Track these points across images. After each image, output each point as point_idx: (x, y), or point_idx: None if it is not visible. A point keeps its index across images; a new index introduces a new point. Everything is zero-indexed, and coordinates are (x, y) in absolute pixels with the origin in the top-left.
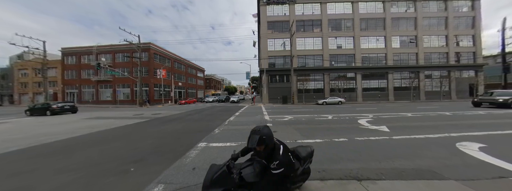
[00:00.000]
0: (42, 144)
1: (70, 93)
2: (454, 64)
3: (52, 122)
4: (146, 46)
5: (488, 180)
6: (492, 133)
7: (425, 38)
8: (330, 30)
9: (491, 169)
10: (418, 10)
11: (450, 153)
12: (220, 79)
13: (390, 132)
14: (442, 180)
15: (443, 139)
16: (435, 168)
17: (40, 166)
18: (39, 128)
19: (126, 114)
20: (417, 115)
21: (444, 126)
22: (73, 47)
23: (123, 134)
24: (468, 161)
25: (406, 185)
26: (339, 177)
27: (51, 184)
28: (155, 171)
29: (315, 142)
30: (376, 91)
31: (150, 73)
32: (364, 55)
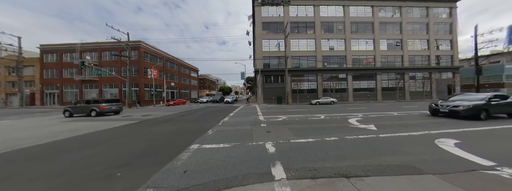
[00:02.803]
0: (18, 149)
1: (50, 94)
2: (434, 67)
3: (28, 125)
4: (136, 44)
5: (460, 173)
6: (466, 129)
7: (409, 41)
8: (323, 32)
9: (464, 163)
10: (403, 15)
11: (429, 149)
12: (214, 79)
13: (377, 130)
14: (421, 175)
15: (424, 136)
16: (416, 163)
17: (15, 172)
18: (13, 132)
19: (113, 116)
20: (402, 113)
21: (425, 124)
22: (54, 44)
23: (110, 137)
24: (444, 156)
25: (390, 181)
26: (329, 175)
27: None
28: (144, 175)
29: (308, 141)
30: (366, 91)
31: (140, 72)
32: (354, 57)
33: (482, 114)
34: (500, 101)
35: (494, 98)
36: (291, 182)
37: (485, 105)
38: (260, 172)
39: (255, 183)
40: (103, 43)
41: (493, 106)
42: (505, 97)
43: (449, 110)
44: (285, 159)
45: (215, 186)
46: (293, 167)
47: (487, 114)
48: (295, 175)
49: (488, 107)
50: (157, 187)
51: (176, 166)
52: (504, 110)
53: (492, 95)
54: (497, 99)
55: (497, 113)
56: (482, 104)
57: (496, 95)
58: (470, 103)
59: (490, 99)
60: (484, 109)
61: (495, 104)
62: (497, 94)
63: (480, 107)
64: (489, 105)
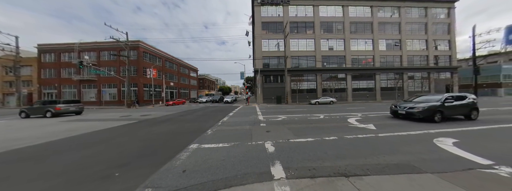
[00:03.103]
0: (13, 150)
1: (48, 93)
2: (433, 67)
3: (25, 125)
4: (135, 44)
5: (458, 172)
6: (464, 129)
7: (408, 42)
8: (322, 32)
9: (462, 162)
10: (402, 15)
11: (428, 148)
12: (214, 79)
13: (377, 129)
14: (420, 174)
15: (422, 135)
16: (414, 162)
17: (11, 174)
18: (11, 132)
19: (112, 116)
20: None
21: (424, 123)
22: (52, 44)
23: (108, 137)
24: (443, 155)
25: (389, 179)
26: (328, 174)
27: None
28: (142, 175)
29: (307, 141)
30: (365, 91)
31: (139, 72)
32: (353, 57)
33: (436, 116)
34: (454, 102)
35: (449, 99)
36: (291, 181)
37: (439, 107)
38: (260, 172)
39: (254, 182)
40: (102, 43)
41: (447, 108)
42: (461, 98)
43: (405, 112)
44: (284, 159)
45: (214, 186)
46: (292, 167)
47: (442, 115)
48: (294, 174)
49: (443, 109)
50: (155, 187)
51: (175, 165)
52: (460, 111)
53: (448, 96)
54: (451, 100)
55: (452, 115)
56: (436, 106)
57: (451, 96)
58: (425, 104)
59: (445, 100)
60: (439, 111)
61: (449, 106)
62: (453, 95)
63: (434, 109)
64: (443, 106)
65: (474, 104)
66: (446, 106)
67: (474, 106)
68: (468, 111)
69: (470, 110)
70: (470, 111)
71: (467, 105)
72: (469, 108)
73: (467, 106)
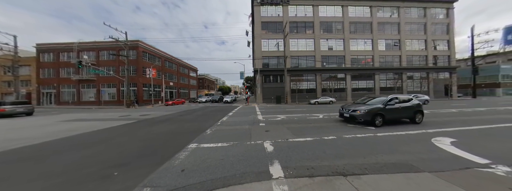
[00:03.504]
0: (12, 149)
1: (47, 93)
2: (432, 67)
3: (24, 125)
4: (134, 44)
5: (456, 171)
6: (462, 128)
7: (407, 42)
8: (322, 32)
9: (460, 161)
10: (401, 15)
11: (426, 147)
12: (213, 79)
13: (375, 129)
14: (417, 173)
15: (421, 135)
16: (412, 161)
17: (11, 174)
18: (9, 132)
19: (111, 116)
20: None
21: (422, 123)
22: (51, 44)
23: (107, 137)
24: (441, 154)
25: (387, 178)
26: (326, 174)
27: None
28: (141, 175)
29: (306, 140)
30: (364, 91)
31: (138, 72)
32: (353, 57)
33: (377, 120)
34: (396, 104)
35: (391, 101)
36: (289, 181)
37: (381, 110)
38: (258, 171)
39: (252, 181)
40: (101, 43)
41: (389, 111)
42: (405, 100)
43: (349, 115)
44: (283, 158)
45: (213, 185)
46: (291, 166)
47: (383, 119)
48: (292, 174)
49: (384, 112)
50: (154, 186)
51: (174, 165)
52: (403, 114)
53: (391, 98)
54: (393, 103)
55: (396, 118)
56: (377, 108)
57: (394, 98)
58: (366, 107)
59: (387, 103)
60: (380, 114)
61: (392, 108)
62: (398, 97)
63: (375, 112)
64: (385, 109)
65: (419, 106)
66: (388, 109)
67: (418, 109)
68: (412, 114)
69: (414, 112)
70: (415, 114)
71: (411, 108)
72: (413, 110)
73: (411, 109)
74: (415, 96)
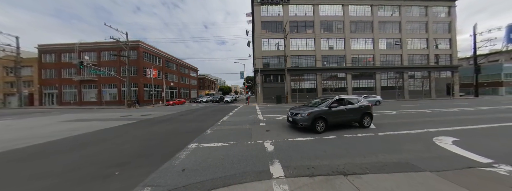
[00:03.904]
0: (13, 149)
1: (49, 94)
2: (433, 66)
3: (26, 125)
4: (135, 44)
5: (458, 170)
6: (464, 128)
7: (408, 40)
8: (322, 31)
9: (462, 160)
10: (402, 14)
11: (427, 147)
12: (214, 79)
13: (376, 128)
14: (419, 172)
15: (422, 134)
16: (413, 161)
17: (10, 173)
18: (11, 132)
19: (112, 116)
20: (401, 112)
21: (424, 122)
22: (52, 44)
23: (108, 137)
24: (442, 153)
25: (387, 178)
26: (327, 173)
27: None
28: (142, 174)
29: (306, 140)
30: (365, 90)
31: (139, 72)
32: (354, 56)
33: (318, 125)
34: (340, 106)
35: (335, 103)
36: (289, 180)
37: (323, 113)
38: (258, 170)
39: (253, 181)
40: (102, 43)
41: (333, 114)
42: (352, 101)
43: (292, 119)
44: (283, 157)
45: (213, 184)
46: (291, 165)
47: (326, 123)
48: (293, 173)
49: (327, 115)
50: (155, 185)
51: (175, 164)
52: (349, 117)
53: (337, 99)
54: (337, 104)
55: (341, 122)
56: (320, 112)
57: (340, 99)
58: (309, 110)
59: (331, 105)
60: (321, 118)
61: (337, 111)
62: (342, 98)
63: (316, 115)
64: (329, 112)
65: (367, 108)
66: (332, 112)
67: (367, 111)
68: (359, 117)
69: (362, 115)
70: (362, 117)
71: (358, 110)
72: (360, 112)
73: (358, 111)
74: (366, 97)
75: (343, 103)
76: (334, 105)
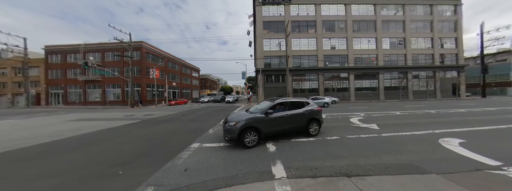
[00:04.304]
0: (19, 148)
1: (55, 94)
2: (438, 65)
3: (32, 124)
4: (138, 45)
5: (465, 173)
6: (472, 129)
7: (412, 40)
8: (324, 31)
9: (469, 163)
10: (406, 13)
11: (433, 148)
12: (215, 79)
13: (380, 129)
14: (424, 174)
15: (427, 136)
16: (418, 162)
17: (15, 172)
18: (18, 131)
19: (116, 115)
20: (405, 113)
21: (429, 123)
22: (58, 45)
23: (112, 136)
24: (448, 155)
25: (392, 180)
26: (329, 174)
27: None
28: (145, 173)
29: (308, 140)
30: (368, 91)
31: (142, 73)
32: (356, 56)
33: (248, 137)
34: (280, 112)
35: (272, 109)
36: (292, 181)
37: (256, 121)
38: (260, 171)
39: (255, 181)
40: (106, 44)
41: (271, 122)
42: (297, 105)
43: (224, 130)
44: (285, 158)
45: (215, 184)
46: (293, 166)
47: (259, 135)
48: (295, 174)
49: (261, 124)
50: (158, 185)
51: (177, 164)
52: (291, 124)
53: (279, 102)
54: (272, 111)
55: (280, 131)
56: (251, 120)
57: (281, 103)
58: (238, 117)
59: (267, 111)
60: (253, 128)
61: (275, 118)
62: (284, 102)
63: (247, 125)
64: (264, 120)
65: (314, 113)
66: (269, 119)
67: (314, 116)
68: (304, 124)
69: (308, 121)
70: (308, 124)
71: (303, 115)
72: (306, 119)
73: (303, 117)
74: (314, 98)
75: (286, 108)
76: (270, 111)
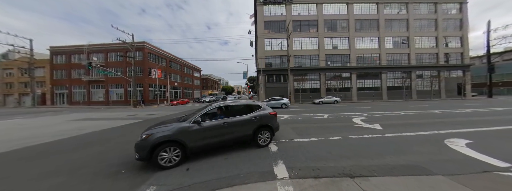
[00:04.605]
0: (24, 147)
1: (60, 94)
2: (443, 65)
3: (37, 124)
4: (140, 45)
5: (473, 174)
6: (478, 129)
7: (416, 39)
8: (326, 30)
9: (477, 164)
10: (409, 12)
11: (439, 149)
12: (217, 79)
13: (383, 130)
14: (430, 176)
15: (433, 136)
16: (424, 163)
17: (19, 171)
18: (23, 131)
19: (119, 115)
20: (409, 113)
21: (434, 124)
22: (63, 46)
23: (115, 136)
24: (455, 156)
25: (397, 181)
26: (332, 175)
27: (28, 190)
28: (147, 173)
29: (310, 141)
30: (371, 90)
31: (144, 73)
32: (358, 56)
33: (166, 155)
34: (216, 120)
35: (204, 116)
36: (294, 181)
37: (178, 133)
38: (262, 171)
39: (257, 181)
40: (109, 45)
41: (201, 133)
42: (241, 109)
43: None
44: (287, 158)
45: (217, 184)
46: (295, 166)
47: (184, 151)
48: (297, 174)
49: (187, 136)
50: (160, 184)
51: None
52: (235, 135)
53: (214, 108)
54: (200, 120)
55: (219, 144)
56: (170, 132)
57: (224, 107)
58: (154, 130)
59: (196, 119)
60: (174, 141)
61: (208, 128)
62: (227, 106)
63: (162, 139)
64: (191, 131)
65: (264, 119)
66: (197, 130)
67: (263, 123)
68: (251, 132)
69: (256, 129)
70: (256, 132)
71: (249, 123)
72: (253, 126)
73: (249, 124)
74: (272, 99)
75: (228, 113)
76: (198, 120)
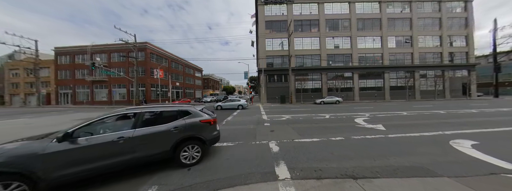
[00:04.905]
0: None
1: (64, 93)
2: (447, 64)
3: (43, 123)
4: (143, 45)
5: (479, 176)
6: (485, 130)
7: (420, 38)
8: (328, 30)
9: (483, 166)
10: (413, 10)
11: (444, 150)
12: (218, 79)
13: (386, 130)
14: (435, 177)
15: (437, 137)
16: (428, 165)
17: None
18: (30, 130)
19: None
20: (412, 113)
21: (439, 124)
22: (67, 47)
23: None
24: (461, 158)
25: (401, 183)
26: (335, 176)
27: None
28: (148, 172)
29: (312, 141)
30: (373, 90)
31: (146, 73)
32: (361, 55)
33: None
34: (110, 132)
35: (85, 128)
36: (296, 182)
37: (30, 157)
38: (264, 171)
39: (258, 182)
40: (112, 45)
41: (73, 155)
42: (159, 119)
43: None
44: (289, 159)
45: (219, 185)
46: (297, 167)
47: (33, 187)
48: (299, 175)
49: (43, 163)
50: (161, 184)
51: None
52: (138, 154)
53: (111, 116)
54: (76, 136)
55: (103, 169)
56: (24, 154)
57: (130, 115)
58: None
59: (68, 131)
60: (14, 174)
61: (89, 147)
62: (131, 115)
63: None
64: (52, 154)
65: (193, 129)
66: (69, 151)
67: (192, 134)
68: (168, 148)
69: (179, 143)
70: (178, 146)
71: (166, 135)
72: (174, 139)
73: (167, 137)
74: (227, 100)
75: (136, 124)
76: (68, 133)
